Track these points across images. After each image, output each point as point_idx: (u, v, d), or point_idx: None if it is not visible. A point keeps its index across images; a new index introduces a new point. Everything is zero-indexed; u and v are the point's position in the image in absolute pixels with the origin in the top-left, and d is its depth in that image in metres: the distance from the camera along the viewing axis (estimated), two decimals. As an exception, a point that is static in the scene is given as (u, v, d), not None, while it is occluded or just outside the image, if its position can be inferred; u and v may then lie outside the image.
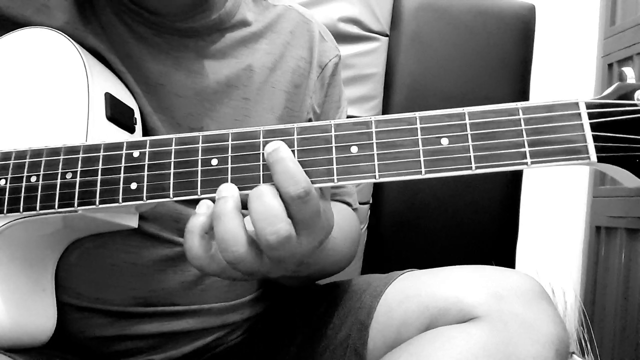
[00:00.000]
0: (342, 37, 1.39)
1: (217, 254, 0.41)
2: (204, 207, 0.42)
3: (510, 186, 1.46)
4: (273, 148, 0.40)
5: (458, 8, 1.43)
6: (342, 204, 0.73)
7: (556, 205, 1.79)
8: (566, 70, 1.81)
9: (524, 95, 1.47)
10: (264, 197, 0.39)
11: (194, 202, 0.60)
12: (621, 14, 1.77)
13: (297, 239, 0.40)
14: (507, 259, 1.43)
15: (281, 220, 0.38)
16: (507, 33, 1.45)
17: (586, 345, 1.64)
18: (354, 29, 1.43)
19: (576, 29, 1.84)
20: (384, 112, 1.45)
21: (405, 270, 0.63)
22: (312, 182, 0.40)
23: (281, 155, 0.40)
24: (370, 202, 1.31)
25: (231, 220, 0.39)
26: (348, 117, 0.76)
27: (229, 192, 0.40)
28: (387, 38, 1.47)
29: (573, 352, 1.56)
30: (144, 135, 0.57)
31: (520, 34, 1.47)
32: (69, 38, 0.53)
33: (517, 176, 1.45)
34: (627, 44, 1.70)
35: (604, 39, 1.82)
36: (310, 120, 0.69)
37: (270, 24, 0.67)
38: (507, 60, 1.45)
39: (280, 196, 0.39)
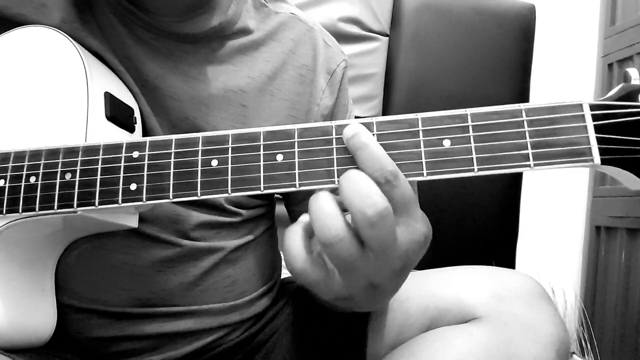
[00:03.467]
0: (342, 37, 1.39)
1: (318, 258, 0.39)
2: (305, 215, 0.40)
3: (510, 186, 1.46)
4: (353, 132, 0.38)
5: (458, 8, 1.43)
6: None
7: (556, 205, 1.79)
8: (566, 70, 1.81)
9: (524, 95, 1.47)
10: (355, 176, 0.37)
11: (193, 204, 0.60)
12: (621, 14, 1.77)
13: (396, 222, 0.38)
14: (507, 259, 1.43)
15: (376, 194, 0.36)
16: (507, 33, 1.45)
17: (586, 345, 1.64)
18: (354, 29, 1.43)
19: (576, 29, 1.84)
20: (384, 111, 1.45)
21: (405, 271, 0.63)
22: (313, 184, 0.40)
23: (363, 140, 0.38)
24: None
25: (326, 198, 0.37)
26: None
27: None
28: (387, 38, 1.47)
29: (573, 352, 1.56)
30: (143, 135, 0.57)
31: (520, 34, 1.47)
32: (67, 37, 0.52)
33: (517, 176, 1.45)
34: (627, 43, 1.70)
35: (604, 39, 1.82)
36: None
37: (271, 32, 0.66)
38: (507, 60, 1.46)
39: None
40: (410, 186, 0.38)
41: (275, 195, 0.74)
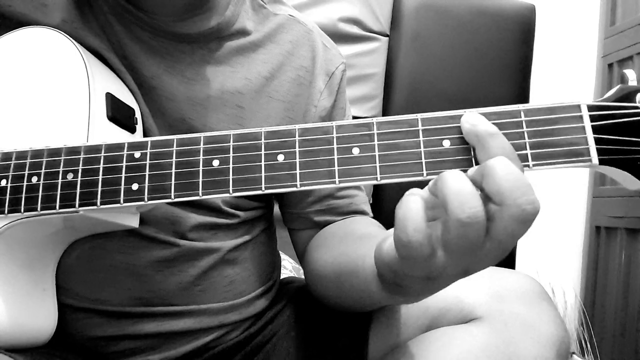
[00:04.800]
0: (342, 37, 1.39)
1: (437, 241, 0.36)
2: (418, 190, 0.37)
3: (510, 186, 1.46)
4: (477, 121, 0.37)
5: (458, 8, 1.43)
6: (365, 217, 0.69)
7: (556, 205, 1.79)
8: (566, 70, 1.81)
9: (524, 95, 1.47)
10: (510, 165, 0.34)
11: (191, 205, 0.60)
12: (621, 14, 1.77)
13: None
14: (507, 259, 1.42)
15: (533, 190, 0.33)
16: (507, 33, 1.45)
17: (586, 345, 1.64)
18: (354, 29, 1.43)
19: (576, 29, 1.84)
20: (384, 111, 1.45)
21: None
22: (314, 184, 0.40)
23: (494, 129, 0.36)
24: (370, 201, 1.31)
25: (466, 179, 0.34)
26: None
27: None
28: (387, 38, 1.47)
29: (573, 352, 1.56)
30: (143, 135, 0.57)
31: (520, 34, 1.47)
32: (69, 37, 0.53)
33: (517, 176, 1.45)
34: (627, 44, 1.70)
35: (604, 39, 1.82)
36: None
37: (269, 33, 0.66)
38: (507, 60, 1.46)
39: None
40: None
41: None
